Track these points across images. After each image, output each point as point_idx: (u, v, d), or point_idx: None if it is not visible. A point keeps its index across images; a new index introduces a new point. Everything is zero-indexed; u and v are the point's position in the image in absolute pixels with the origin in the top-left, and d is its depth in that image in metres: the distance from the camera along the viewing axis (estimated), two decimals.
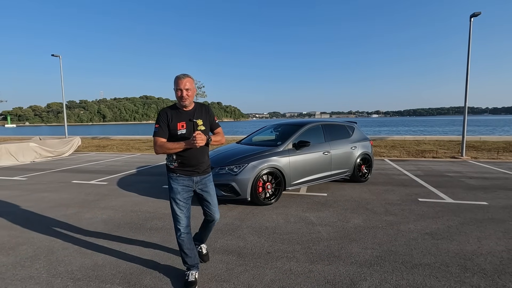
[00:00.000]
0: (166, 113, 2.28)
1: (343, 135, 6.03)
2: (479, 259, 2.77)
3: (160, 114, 2.30)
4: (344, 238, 3.29)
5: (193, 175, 2.35)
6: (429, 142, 15.03)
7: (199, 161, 2.35)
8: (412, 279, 2.43)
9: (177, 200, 2.32)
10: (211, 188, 2.49)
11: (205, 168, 2.41)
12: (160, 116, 2.28)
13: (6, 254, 3.01)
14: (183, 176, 2.33)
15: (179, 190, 2.33)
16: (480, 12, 9.44)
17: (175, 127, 2.26)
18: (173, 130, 2.26)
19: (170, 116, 2.27)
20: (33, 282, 2.46)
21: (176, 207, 2.32)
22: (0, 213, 4.35)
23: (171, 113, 2.28)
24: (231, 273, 2.57)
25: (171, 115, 2.27)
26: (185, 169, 2.32)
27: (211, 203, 2.48)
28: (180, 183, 2.33)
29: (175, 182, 2.34)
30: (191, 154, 2.29)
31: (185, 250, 2.36)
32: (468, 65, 9.94)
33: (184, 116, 2.29)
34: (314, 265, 2.70)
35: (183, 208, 2.34)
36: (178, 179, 2.33)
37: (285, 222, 3.85)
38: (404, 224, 3.69)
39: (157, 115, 2.33)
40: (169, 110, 2.31)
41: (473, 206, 4.43)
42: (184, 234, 2.33)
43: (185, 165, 2.31)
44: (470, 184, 5.85)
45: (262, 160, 4.59)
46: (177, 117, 2.27)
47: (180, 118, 2.28)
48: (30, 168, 8.70)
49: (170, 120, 2.25)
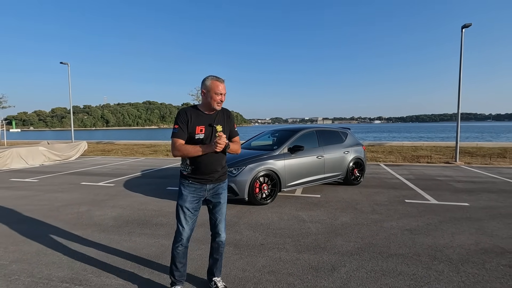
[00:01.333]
0: (186, 114, 2.13)
1: (337, 140, 6.40)
2: (449, 250, 3.11)
3: (180, 114, 2.15)
4: (331, 233, 3.65)
5: (206, 183, 2.20)
6: (426, 148, 15.34)
7: (215, 169, 2.20)
8: (386, 265, 2.78)
9: (184, 208, 2.18)
10: (221, 198, 2.30)
11: (220, 175, 2.26)
12: (180, 116, 2.13)
13: (28, 244, 3.39)
14: (196, 183, 2.19)
15: (189, 198, 2.19)
16: (471, 23, 9.87)
17: (193, 130, 2.12)
18: (191, 133, 2.13)
19: (190, 117, 2.12)
20: (55, 266, 2.84)
21: (182, 216, 2.19)
22: (19, 210, 4.75)
23: (192, 114, 2.14)
24: (228, 259, 2.94)
25: (191, 116, 2.13)
26: (198, 176, 2.17)
27: (220, 215, 2.31)
28: (191, 191, 2.19)
29: (186, 189, 2.20)
30: (207, 161, 2.14)
31: (177, 263, 2.25)
32: (460, 74, 10.32)
33: (204, 120, 2.16)
34: (301, 254, 3.05)
35: (189, 219, 2.20)
36: (190, 186, 2.19)
37: (279, 219, 4.21)
38: (387, 222, 4.04)
39: (176, 114, 2.18)
40: (190, 110, 2.17)
41: (455, 206, 4.76)
42: (182, 247, 2.22)
43: (198, 172, 2.17)
44: (457, 187, 6.18)
45: (259, 163, 4.97)
46: (197, 120, 2.14)
47: (200, 121, 2.14)
48: (40, 171, 9.13)
49: (189, 121, 2.12)
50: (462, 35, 10.18)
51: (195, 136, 2.13)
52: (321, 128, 6.41)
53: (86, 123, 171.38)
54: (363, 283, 2.48)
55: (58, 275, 2.67)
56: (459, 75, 10.36)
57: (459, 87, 10.40)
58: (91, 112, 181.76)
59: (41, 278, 2.61)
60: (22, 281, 2.57)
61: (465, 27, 10.06)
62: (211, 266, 2.41)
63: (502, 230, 3.69)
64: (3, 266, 2.86)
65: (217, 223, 2.31)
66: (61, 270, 2.76)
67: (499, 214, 4.32)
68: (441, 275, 2.60)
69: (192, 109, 2.19)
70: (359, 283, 2.48)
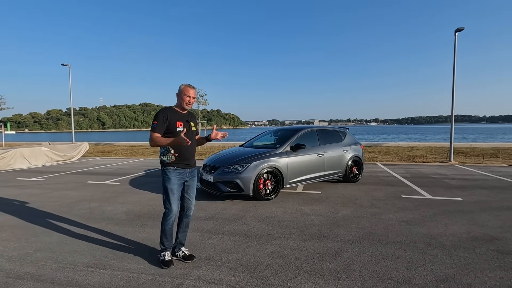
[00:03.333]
0: (164, 113, 2.69)
1: (336, 139, 6.67)
2: (442, 238, 3.37)
3: (161, 112, 2.70)
4: (333, 225, 3.88)
5: (187, 167, 2.80)
6: (421, 149, 15.69)
7: (192, 156, 2.87)
8: (385, 251, 3.03)
9: (174, 190, 2.71)
10: (195, 180, 2.94)
11: (194, 161, 2.91)
12: (160, 115, 2.68)
13: (48, 235, 3.58)
14: (180, 168, 2.75)
15: (176, 181, 2.72)
16: (463, 27, 10.23)
17: (174, 124, 2.69)
18: (173, 127, 2.68)
19: (167, 115, 2.69)
20: (78, 254, 3.04)
21: (172, 197, 2.70)
22: (31, 206, 4.93)
23: (169, 113, 2.71)
24: (239, 247, 3.16)
25: (168, 115, 2.69)
26: (183, 162, 2.76)
27: (190, 193, 2.88)
28: (177, 175, 2.73)
29: (172, 175, 2.71)
30: (186, 151, 2.76)
31: (167, 236, 2.77)
32: (454, 77, 10.67)
33: (181, 117, 2.77)
34: (307, 242, 3.29)
35: (176, 199, 2.73)
36: (175, 171, 2.73)
37: (283, 213, 4.44)
38: (385, 214, 4.29)
39: (156, 113, 2.71)
40: (167, 110, 2.75)
41: (448, 201, 5.04)
42: (173, 220, 2.76)
43: (182, 159, 2.75)
44: (451, 184, 6.46)
45: (263, 160, 5.20)
46: (175, 117, 2.72)
47: (178, 118, 2.74)
48: (44, 171, 9.27)
49: (167, 119, 2.67)
50: (455, 38, 10.54)
51: (176, 129, 2.70)
52: (321, 128, 6.67)
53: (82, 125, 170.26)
54: (365, 265, 2.72)
55: (82, 261, 2.87)
56: (453, 78, 10.71)
57: (453, 89, 10.74)
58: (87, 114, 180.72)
59: (67, 264, 2.81)
60: (49, 266, 2.77)
61: (458, 31, 10.42)
62: (180, 238, 2.94)
63: (492, 221, 3.96)
64: (29, 254, 3.05)
65: (190, 200, 2.89)
66: (83, 257, 2.97)
67: (489, 207, 4.60)
68: (435, 258, 2.84)
69: (169, 108, 2.78)
70: (361, 265, 2.72)
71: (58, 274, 2.61)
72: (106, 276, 2.57)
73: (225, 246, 3.19)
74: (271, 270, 2.65)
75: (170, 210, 2.73)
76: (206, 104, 17.46)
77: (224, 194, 5.09)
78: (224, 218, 4.21)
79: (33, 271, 2.67)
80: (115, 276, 2.57)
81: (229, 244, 3.26)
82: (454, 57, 10.65)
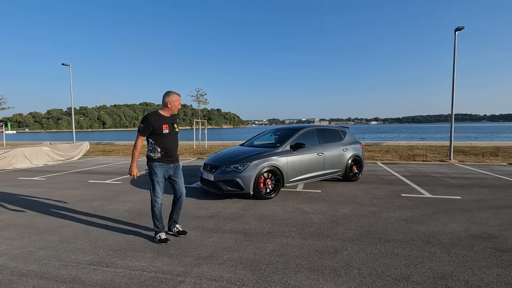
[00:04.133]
0: (151, 118, 3.09)
1: (336, 138, 6.70)
2: (441, 236, 3.40)
3: (148, 117, 3.10)
4: (333, 223, 3.92)
5: (170, 163, 3.29)
6: (422, 148, 15.71)
7: (175, 153, 3.34)
8: (384, 248, 3.06)
9: (160, 182, 3.25)
10: (181, 172, 3.46)
11: (177, 158, 3.41)
12: (148, 119, 3.07)
13: (51, 234, 3.62)
14: (165, 164, 3.24)
15: (161, 175, 3.24)
16: (463, 26, 10.24)
17: (160, 127, 3.12)
18: (159, 129, 3.11)
19: (154, 120, 3.09)
20: (81, 252, 3.08)
21: (158, 187, 3.24)
22: (33, 205, 4.97)
23: (154, 117, 3.12)
24: (239, 245, 3.20)
25: (157, 119, 3.12)
26: (167, 159, 3.24)
27: (180, 182, 3.42)
28: (163, 170, 3.23)
29: (158, 169, 3.21)
30: (172, 149, 3.26)
31: (158, 218, 3.33)
32: (454, 76, 10.68)
33: (167, 120, 3.20)
34: (306, 240, 3.32)
35: (161, 189, 3.29)
36: (161, 166, 3.22)
37: (283, 211, 4.48)
38: (385, 213, 4.32)
39: (144, 116, 3.11)
40: (153, 115, 3.14)
41: (448, 199, 5.07)
42: (160, 205, 3.30)
43: (167, 156, 3.23)
44: (450, 183, 6.49)
45: (263, 159, 5.23)
46: (161, 121, 3.14)
47: (164, 121, 3.16)
48: (45, 170, 9.32)
49: (153, 123, 3.08)
50: (455, 37, 10.54)
51: (163, 131, 3.15)
52: (321, 127, 6.70)
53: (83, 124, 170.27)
54: (364, 262, 2.76)
55: (84, 259, 2.91)
56: (453, 77, 10.72)
57: (453, 88, 10.76)
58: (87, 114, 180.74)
59: (70, 262, 2.85)
60: (52, 264, 2.81)
61: (458, 30, 10.43)
62: (175, 217, 3.53)
63: (491, 219, 3.99)
64: (32, 252, 3.09)
65: (180, 188, 3.43)
66: (86, 255, 3.00)
67: (488, 206, 4.63)
68: (434, 256, 2.88)
69: (155, 114, 3.18)
70: (360, 262, 2.76)
71: (61, 272, 2.65)
72: (109, 274, 2.60)
73: (226, 244, 3.23)
74: (271, 268, 2.68)
75: (157, 199, 3.27)
76: (206, 104, 17.49)
77: (225, 193, 5.13)
78: (225, 216, 4.25)
79: (37, 269, 2.71)
80: (117, 273, 2.61)
81: (230, 242, 3.30)
82: (454, 56, 10.66)
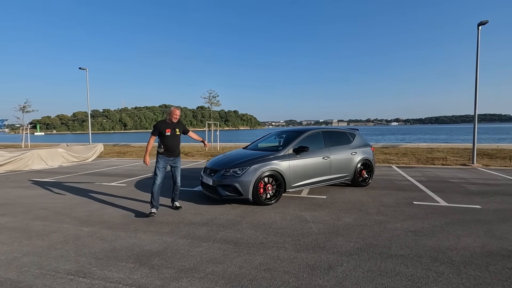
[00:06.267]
0: (159, 124, 4.57)
1: (344, 141, 6.35)
2: (452, 252, 3.04)
3: (157, 123, 4.58)
4: (332, 234, 3.63)
5: (170, 156, 4.60)
6: (442, 150, 14.86)
7: (175, 150, 4.61)
8: (384, 266, 2.75)
9: (161, 168, 4.54)
10: (179, 165, 4.75)
11: (177, 153, 4.68)
12: (157, 125, 4.57)
13: (41, 239, 3.58)
14: (165, 156, 4.57)
15: (162, 163, 4.56)
16: (487, 20, 9.53)
17: (164, 131, 4.52)
18: (163, 132, 4.52)
19: (160, 126, 4.54)
20: (63, 260, 2.99)
21: (158, 171, 4.51)
22: (36, 208, 5.02)
23: (162, 123, 4.58)
24: (226, 257, 2.99)
25: (162, 125, 4.55)
26: (167, 153, 4.56)
27: (176, 172, 4.73)
28: (163, 160, 4.57)
29: (161, 159, 4.56)
30: (170, 146, 4.54)
31: (154, 196, 4.46)
32: (477, 72, 9.96)
33: (169, 126, 4.57)
34: (300, 253, 3.07)
35: (161, 172, 4.52)
36: (162, 157, 4.56)
37: (282, 219, 4.23)
38: (392, 223, 3.97)
39: (155, 123, 4.53)
40: (162, 122, 4.60)
41: (465, 209, 4.62)
42: (157, 185, 4.47)
43: (167, 151, 4.54)
44: (470, 190, 5.97)
45: (263, 163, 5.01)
46: (166, 126, 4.55)
47: (167, 126, 4.55)
48: (58, 172, 9.55)
49: (159, 127, 4.52)
50: (478, 32, 9.83)
51: (165, 133, 4.52)
52: (327, 129, 6.37)
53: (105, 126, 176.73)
54: (358, 282, 2.47)
55: (65, 267, 2.81)
56: (476, 74, 10.00)
57: (476, 86, 10.03)
58: (109, 116, 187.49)
59: (49, 270, 2.76)
60: (31, 272, 2.73)
61: (481, 25, 9.72)
62: (173, 197, 4.86)
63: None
64: (16, 258, 3.04)
65: (177, 177, 4.75)
66: (68, 263, 2.91)
67: (511, 218, 4.16)
68: (440, 277, 2.54)
69: (162, 121, 4.62)
70: (354, 282, 2.48)
71: (37, 281, 2.56)
72: (83, 285, 2.48)
73: (212, 256, 3.04)
74: (255, 285, 2.46)
75: (155, 180, 4.49)
76: (218, 105, 17.47)
77: (223, 198, 4.95)
78: (219, 224, 4.07)
79: (14, 277, 2.64)
80: (92, 285, 2.48)
81: (217, 253, 3.10)
82: (477, 52, 9.94)
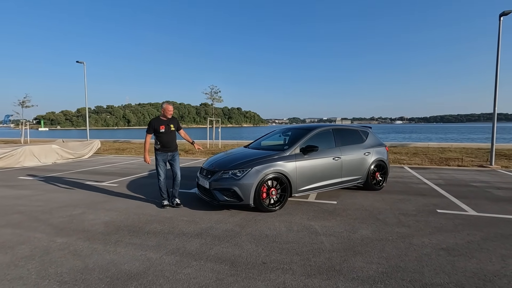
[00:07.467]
0: (153, 121, 4.63)
1: (356, 140, 5.74)
2: (502, 281, 2.43)
3: (151, 121, 4.65)
4: (348, 250, 3.04)
5: (167, 152, 4.67)
6: (455, 150, 14.14)
7: (171, 145, 4.70)
8: None
9: (160, 165, 4.66)
10: (177, 159, 4.79)
11: (174, 148, 4.75)
12: (151, 123, 4.63)
13: (4, 253, 3.04)
14: (163, 152, 4.65)
15: (161, 159, 4.65)
16: (510, 10, 8.80)
17: (158, 128, 4.58)
18: (158, 129, 4.58)
19: (154, 123, 4.60)
20: (21, 283, 2.44)
21: (159, 169, 4.66)
22: (11, 212, 4.49)
23: (156, 121, 4.64)
24: (220, 283, 2.42)
25: (156, 122, 4.62)
26: (164, 148, 4.65)
27: (175, 166, 4.75)
28: (161, 156, 4.65)
29: (158, 156, 4.65)
30: (166, 142, 4.63)
31: (162, 190, 4.70)
32: (498, 68, 9.25)
33: (163, 122, 4.64)
34: (311, 279, 2.48)
35: (162, 168, 4.68)
36: (160, 154, 4.64)
37: (287, 230, 3.65)
38: (418, 238, 3.37)
39: (149, 121, 4.61)
40: (155, 119, 4.65)
41: (500, 220, 4.00)
42: (162, 181, 4.67)
43: (164, 147, 4.63)
44: (498, 196, 5.33)
45: (266, 164, 4.42)
46: (160, 123, 4.61)
47: (161, 123, 4.62)
48: (50, 169, 9.05)
49: (154, 125, 4.59)
50: (500, 24, 9.11)
51: (159, 130, 4.56)
52: (338, 127, 5.76)
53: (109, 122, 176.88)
54: None
55: None
56: (496, 70, 9.29)
57: (496, 82, 9.32)
58: (113, 112, 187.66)
59: None
60: None
61: (503, 15, 8.99)
62: (173, 193, 4.74)
63: None
64: None
65: (176, 171, 4.74)
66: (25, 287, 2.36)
67: None
68: None
69: (156, 118, 4.65)
70: None
71: None
72: None
73: (202, 280, 2.46)
74: None
75: (159, 177, 4.67)
76: (220, 101, 16.88)
77: (221, 204, 4.38)
78: (215, 235, 3.50)
79: None
80: None
81: (209, 277, 2.53)
82: (498, 46, 9.22)
